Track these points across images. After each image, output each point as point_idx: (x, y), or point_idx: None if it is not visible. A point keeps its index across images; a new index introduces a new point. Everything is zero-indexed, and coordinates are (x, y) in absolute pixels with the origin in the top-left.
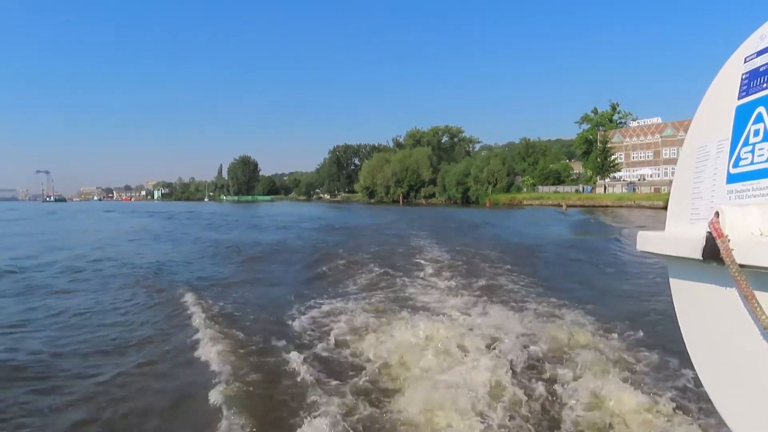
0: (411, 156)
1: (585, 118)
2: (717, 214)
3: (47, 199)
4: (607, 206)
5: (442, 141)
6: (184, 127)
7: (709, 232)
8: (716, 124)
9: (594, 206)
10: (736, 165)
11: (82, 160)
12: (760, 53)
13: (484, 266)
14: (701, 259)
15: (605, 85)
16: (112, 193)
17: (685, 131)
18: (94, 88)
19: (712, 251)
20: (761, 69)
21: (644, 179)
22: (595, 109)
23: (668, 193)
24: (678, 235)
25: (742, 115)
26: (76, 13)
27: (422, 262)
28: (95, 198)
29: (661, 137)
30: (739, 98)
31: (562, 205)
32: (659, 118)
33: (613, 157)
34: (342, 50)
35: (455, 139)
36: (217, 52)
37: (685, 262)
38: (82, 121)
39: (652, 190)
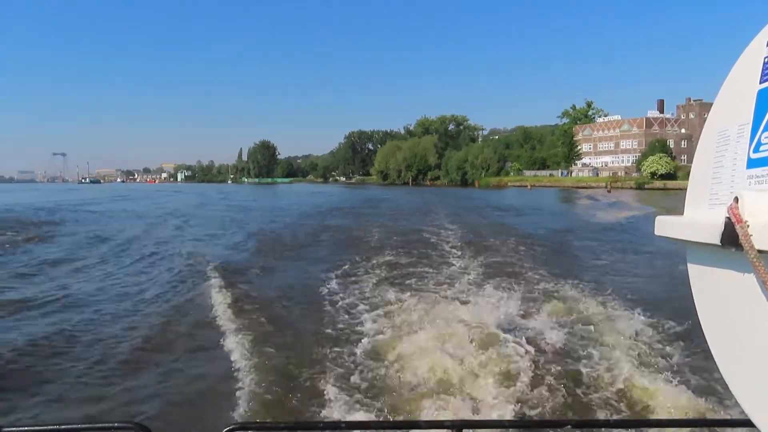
0: (420, 144)
1: (565, 113)
2: (736, 199)
3: (83, 180)
4: (567, 186)
5: (449, 128)
6: (200, 109)
7: (728, 218)
8: (737, 108)
9: (557, 186)
10: (756, 150)
11: (97, 141)
12: None
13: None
14: (719, 244)
15: (605, 75)
16: (134, 175)
17: (639, 128)
18: (110, 69)
19: (731, 237)
20: None
21: (606, 165)
22: (573, 105)
23: (609, 177)
24: (696, 221)
25: (764, 100)
26: None
27: (430, 218)
28: (118, 180)
29: (620, 131)
30: (760, 82)
31: (535, 186)
32: (619, 116)
33: (577, 147)
34: (356, 42)
35: (461, 127)
36: (230, 38)
37: (704, 247)
38: (97, 103)
39: (611, 174)
